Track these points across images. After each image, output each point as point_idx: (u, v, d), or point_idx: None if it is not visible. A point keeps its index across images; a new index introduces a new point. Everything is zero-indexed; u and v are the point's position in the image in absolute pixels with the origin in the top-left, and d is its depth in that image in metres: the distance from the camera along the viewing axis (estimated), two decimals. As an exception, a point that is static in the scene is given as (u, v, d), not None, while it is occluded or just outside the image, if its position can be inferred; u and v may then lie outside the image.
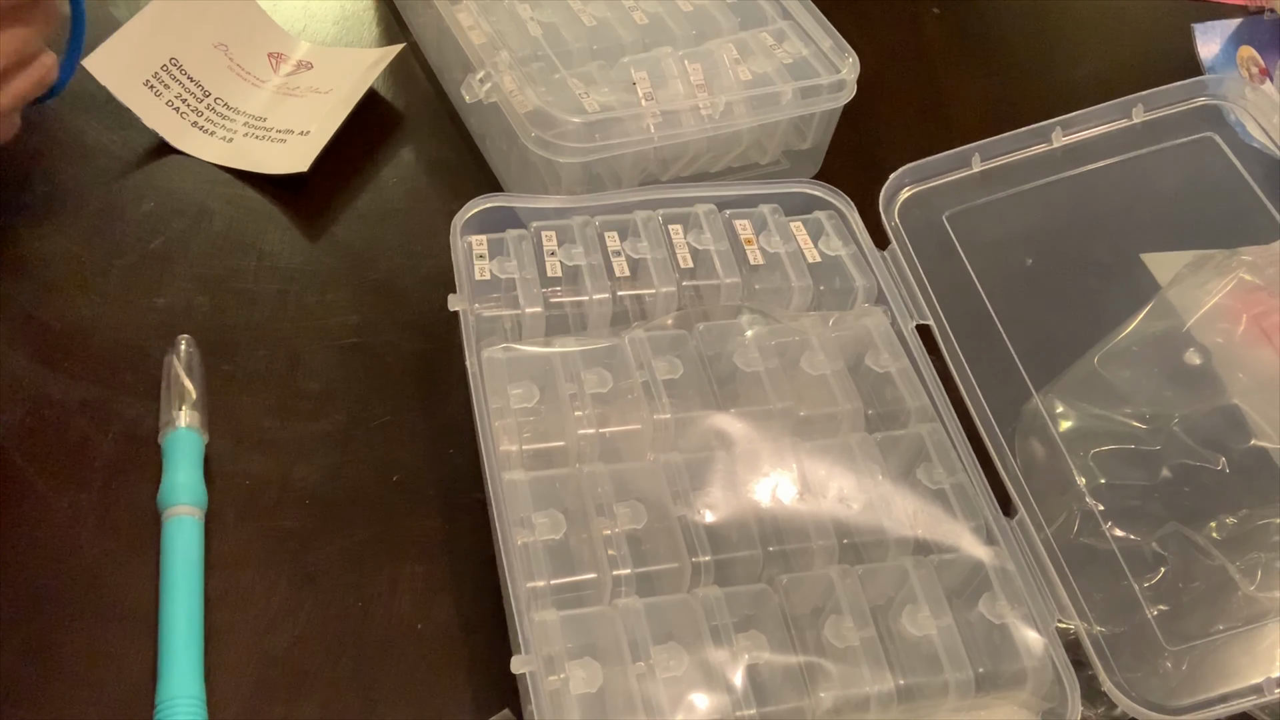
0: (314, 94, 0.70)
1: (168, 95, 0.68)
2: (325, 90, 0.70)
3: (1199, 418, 0.53)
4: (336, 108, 0.68)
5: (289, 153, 0.66)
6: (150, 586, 0.50)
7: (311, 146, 0.66)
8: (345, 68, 0.71)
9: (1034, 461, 0.53)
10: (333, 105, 0.68)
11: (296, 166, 0.65)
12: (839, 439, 0.52)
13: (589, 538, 0.48)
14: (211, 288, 0.61)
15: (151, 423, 0.54)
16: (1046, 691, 0.47)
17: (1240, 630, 0.48)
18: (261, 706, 0.48)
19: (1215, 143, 0.60)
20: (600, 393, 0.52)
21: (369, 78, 0.69)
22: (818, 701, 0.45)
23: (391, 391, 0.58)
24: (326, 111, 0.68)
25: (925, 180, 0.61)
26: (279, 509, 0.54)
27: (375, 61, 0.70)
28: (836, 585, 0.48)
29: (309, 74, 0.71)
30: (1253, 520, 0.50)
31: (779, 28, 0.67)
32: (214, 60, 0.70)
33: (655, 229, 0.58)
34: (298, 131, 0.67)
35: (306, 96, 0.70)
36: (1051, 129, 0.61)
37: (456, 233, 0.56)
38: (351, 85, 0.69)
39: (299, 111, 0.69)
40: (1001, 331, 0.56)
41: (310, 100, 0.69)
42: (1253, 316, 0.54)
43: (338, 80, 0.70)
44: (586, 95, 0.61)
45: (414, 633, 0.51)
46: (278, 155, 0.66)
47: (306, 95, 0.70)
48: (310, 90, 0.70)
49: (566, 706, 0.44)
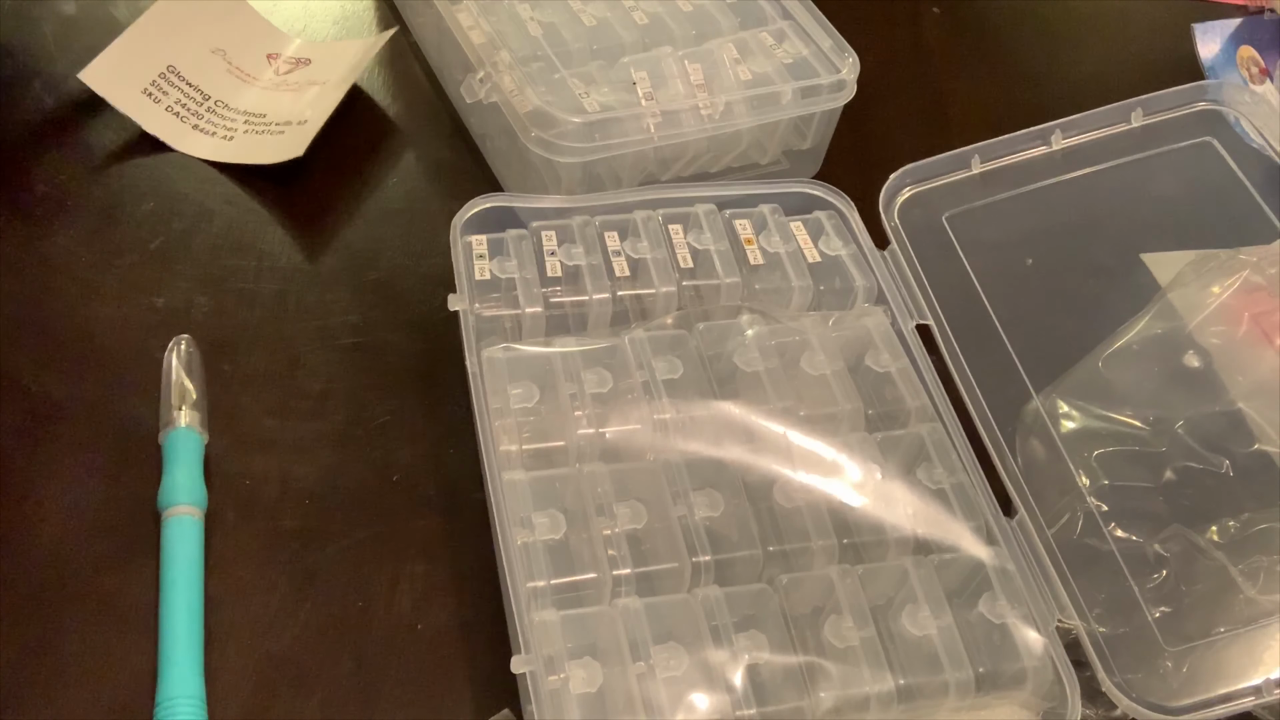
0: (312, 86, 0.70)
1: (167, 101, 0.68)
2: (323, 81, 0.70)
3: (1203, 420, 0.53)
4: (329, 93, 0.68)
5: (287, 142, 0.66)
6: (150, 586, 0.50)
7: (307, 133, 0.66)
8: (341, 58, 0.71)
9: (1035, 462, 0.53)
10: (330, 94, 0.68)
11: (292, 153, 0.65)
12: (839, 439, 0.52)
13: (589, 538, 0.48)
14: (211, 288, 0.61)
15: (151, 423, 0.54)
16: (1046, 691, 0.47)
17: (1241, 631, 0.48)
18: (261, 706, 0.48)
19: (1214, 147, 0.60)
20: (600, 393, 0.52)
21: (362, 63, 0.69)
22: (818, 701, 0.45)
23: (391, 391, 0.58)
24: (325, 101, 0.68)
25: (925, 181, 0.61)
26: (279, 509, 0.54)
27: (368, 48, 0.70)
28: (836, 585, 0.48)
29: (306, 69, 0.71)
30: (1255, 523, 0.50)
31: (779, 28, 0.67)
32: (212, 65, 0.70)
33: (655, 229, 0.58)
34: (295, 122, 0.68)
35: (305, 90, 0.70)
36: (1051, 131, 0.61)
37: (456, 232, 0.56)
38: (344, 71, 0.69)
39: (297, 104, 0.69)
40: (1001, 332, 0.56)
41: (308, 92, 0.69)
42: (1254, 316, 0.54)
43: (334, 71, 0.70)
44: (586, 95, 0.61)
45: (414, 633, 0.51)
46: (276, 146, 0.66)
47: (305, 89, 0.70)
48: (309, 83, 0.70)
49: (566, 706, 0.44)
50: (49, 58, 0.70)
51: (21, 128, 0.67)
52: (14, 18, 0.72)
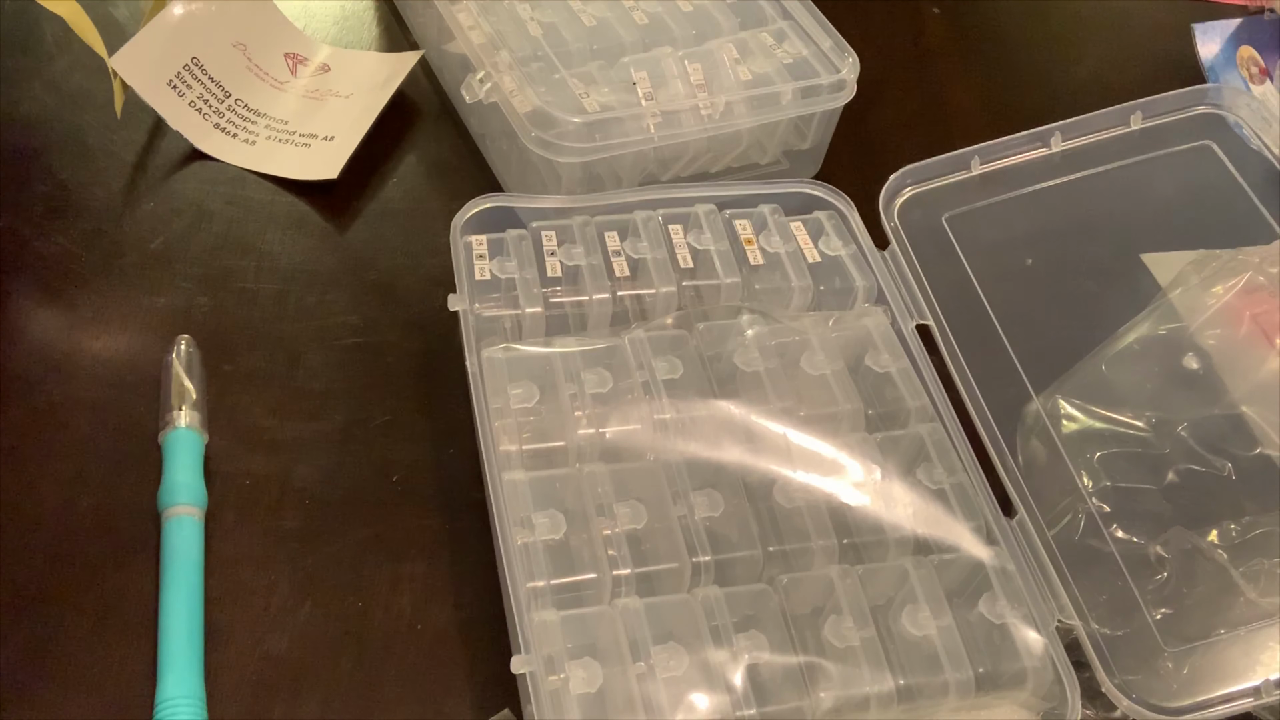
0: (335, 98, 0.70)
1: (190, 96, 0.67)
2: (346, 94, 0.70)
3: (1204, 422, 0.53)
4: (361, 115, 0.68)
5: (316, 158, 0.66)
6: (150, 586, 0.50)
7: (338, 153, 0.66)
8: (364, 71, 0.71)
9: (1036, 462, 0.53)
10: (357, 112, 0.68)
11: (326, 173, 0.65)
12: (839, 439, 0.52)
13: (589, 538, 0.48)
14: (211, 288, 0.61)
15: (151, 423, 0.54)
16: (1046, 691, 0.47)
17: (1240, 633, 0.48)
18: (261, 706, 0.48)
19: (1213, 150, 0.60)
20: (600, 393, 0.52)
21: (392, 84, 0.69)
22: (818, 701, 0.45)
23: (391, 391, 0.58)
24: (351, 118, 0.68)
25: (925, 182, 0.61)
26: (279, 509, 0.54)
27: (395, 68, 0.70)
28: (836, 585, 0.48)
29: (327, 77, 0.71)
30: (1256, 526, 0.50)
31: (779, 28, 0.67)
32: (233, 60, 0.70)
33: (655, 229, 0.58)
34: (322, 136, 0.67)
35: (327, 100, 0.70)
36: (1050, 134, 0.61)
37: (456, 233, 0.56)
38: (374, 92, 0.69)
39: (321, 116, 0.69)
40: (1001, 332, 0.56)
41: (332, 105, 0.69)
42: (1254, 316, 0.54)
43: (357, 84, 0.70)
44: (586, 95, 0.61)
45: (414, 633, 0.51)
46: (305, 160, 0.66)
47: (327, 99, 0.70)
48: (330, 94, 0.70)
49: (566, 706, 0.44)
50: (49, 58, 0.70)
51: (21, 128, 0.67)
52: (14, 18, 0.72)
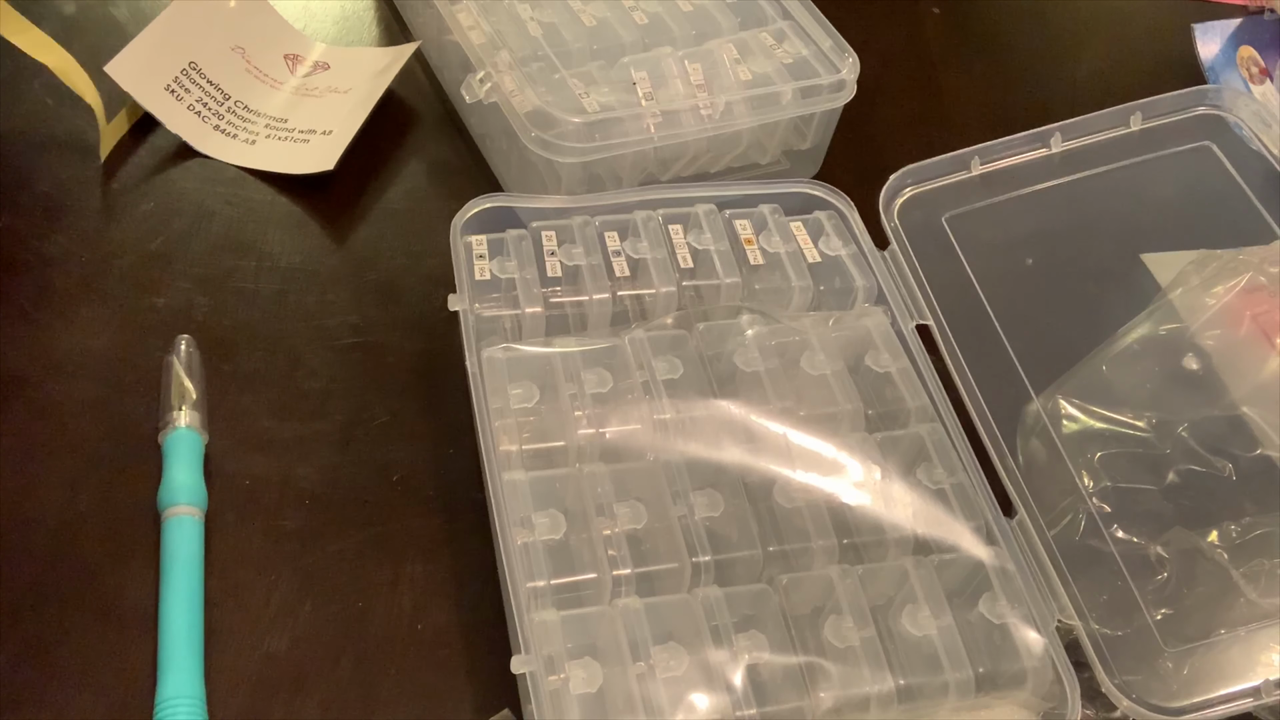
0: (333, 94, 0.70)
1: (189, 99, 0.67)
2: (344, 90, 0.70)
3: (1205, 423, 0.53)
4: (357, 107, 0.68)
5: (313, 152, 0.66)
6: (150, 586, 0.50)
7: (336, 145, 0.66)
8: (362, 66, 0.71)
9: (1036, 462, 0.53)
10: (353, 104, 0.68)
11: (322, 165, 0.65)
12: (839, 439, 0.52)
13: (589, 538, 0.48)
14: (211, 288, 0.61)
15: (151, 423, 0.54)
16: (1046, 691, 0.47)
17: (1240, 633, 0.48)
18: (261, 706, 0.48)
19: (1212, 151, 0.60)
20: (600, 393, 0.52)
21: (387, 76, 0.69)
22: (818, 701, 0.45)
23: (391, 391, 0.58)
24: (348, 110, 0.68)
25: (925, 182, 0.61)
26: (279, 509, 0.54)
27: (391, 60, 0.70)
28: (836, 585, 0.48)
29: (326, 74, 0.71)
30: (1257, 527, 0.50)
31: (779, 28, 0.67)
32: (232, 63, 0.70)
33: (655, 229, 0.58)
34: (320, 131, 0.68)
35: (325, 97, 0.70)
36: (1050, 134, 0.61)
37: (456, 233, 0.56)
38: (370, 84, 0.69)
39: (319, 111, 0.69)
40: (1001, 332, 0.56)
41: (329, 100, 0.69)
42: (1255, 316, 0.54)
43: (355, 79, 0.70)
44: (586, 95, 0.61)
45: (414, 633, 0.51)
46: (302, 155, 0.66)
47: (325, 95, 0.70)
48: (329, 90, 0.70)
49: (566, 706, 0.44)
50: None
51: (21, 128, 0.67)
52: (14, 17, 0.72)
